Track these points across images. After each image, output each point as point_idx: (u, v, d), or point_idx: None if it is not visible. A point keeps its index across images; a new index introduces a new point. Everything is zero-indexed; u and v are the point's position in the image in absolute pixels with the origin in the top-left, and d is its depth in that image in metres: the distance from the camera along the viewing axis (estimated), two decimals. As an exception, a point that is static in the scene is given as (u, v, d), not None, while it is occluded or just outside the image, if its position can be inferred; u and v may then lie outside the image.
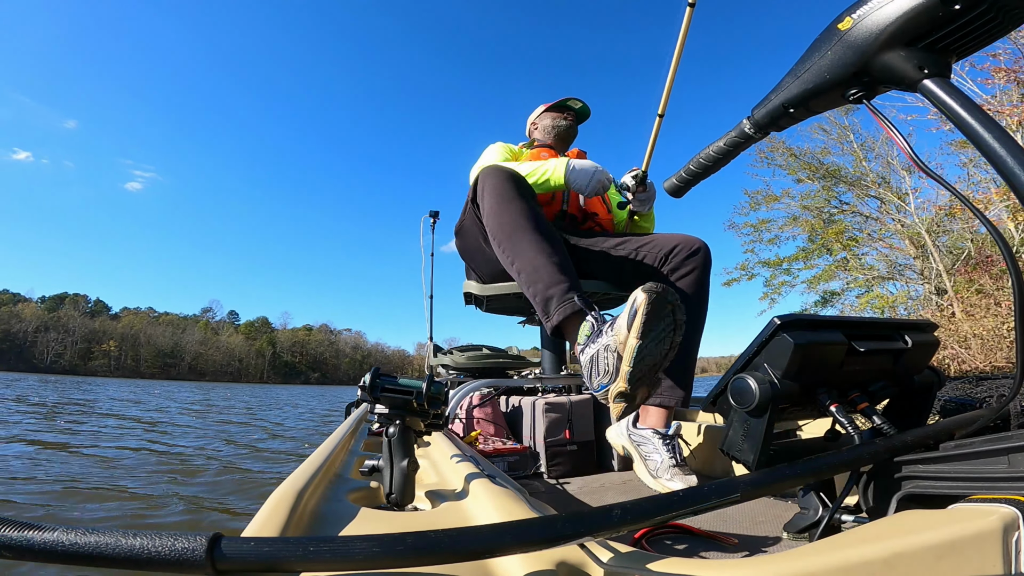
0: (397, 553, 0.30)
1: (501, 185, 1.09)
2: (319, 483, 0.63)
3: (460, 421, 1.63)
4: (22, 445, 4.21)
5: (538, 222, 1.04)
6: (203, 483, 3.15)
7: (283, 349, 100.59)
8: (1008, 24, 0.41)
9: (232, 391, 28.06)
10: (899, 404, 0.65)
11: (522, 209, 1.04)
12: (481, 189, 1.13)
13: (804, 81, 0.51)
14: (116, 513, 2.41)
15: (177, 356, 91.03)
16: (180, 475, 3.34)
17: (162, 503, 2.60)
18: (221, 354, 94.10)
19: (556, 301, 0.90)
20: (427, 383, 0.63)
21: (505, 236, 1.04)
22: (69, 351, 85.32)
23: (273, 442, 5.45)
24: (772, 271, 12.02)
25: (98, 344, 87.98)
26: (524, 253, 0.98)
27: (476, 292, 1.49)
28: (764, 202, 11.90)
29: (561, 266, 0.95)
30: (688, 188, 0.74)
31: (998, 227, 0.46)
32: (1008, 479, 0.40)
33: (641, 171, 1.40)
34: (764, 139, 0.63)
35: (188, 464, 3.72)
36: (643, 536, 0.69)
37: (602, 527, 0.35)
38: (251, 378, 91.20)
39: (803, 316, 0.52)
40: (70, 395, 13.31)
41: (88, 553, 0.27)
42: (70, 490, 2.78)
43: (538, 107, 1.75)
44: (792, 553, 0.34)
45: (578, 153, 1.68)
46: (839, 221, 11.34)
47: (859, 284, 11.11)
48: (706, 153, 0.67)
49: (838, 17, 0.48)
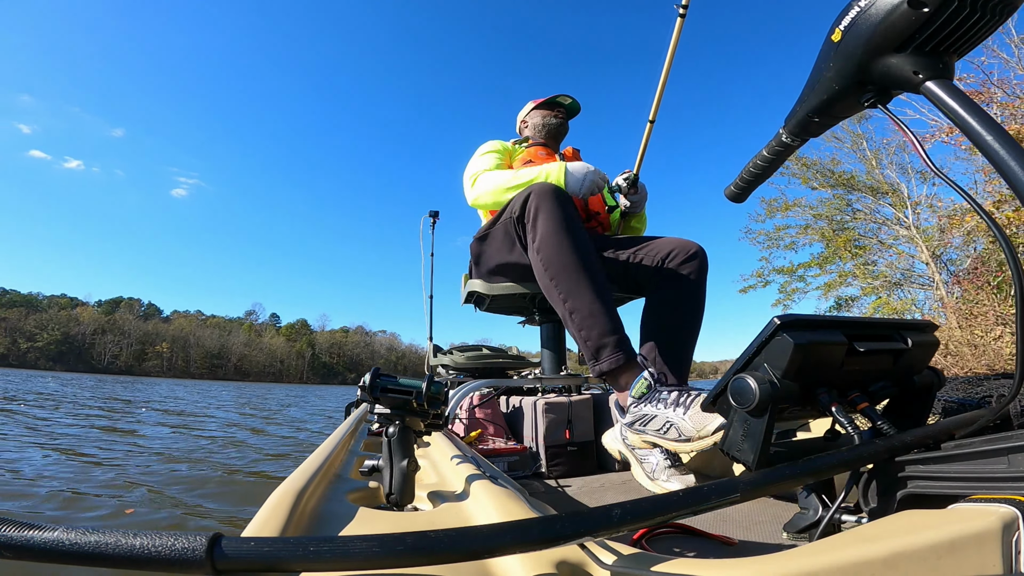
0: (397, 553, 0.30)
1: (559, 212, 1.07)
2: (319, 483, 0.63)
3: (460, 421, 1.63)
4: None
5: (594, 260, 1.05)
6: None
7: (321, 350, 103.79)
8: (995, 18, 0.41)
9: (295, 391, 29.64)
10: (899, 404, 0.65)
11: (581, 244, 1.05)
12: (534, 209, 1.10)
13: (819, 92, 0.53)
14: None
15: (224, 357, 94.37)
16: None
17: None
18: (264, 355, 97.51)
19: (610, 350, 0.97)
20: (427, 383, 0.63)
21: (561, 270, 1.03)
22: (125, 352, 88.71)
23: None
24: (786, 278, 12.07)
25: (151, 346, 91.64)
26: (581, 296, 1.01)
27: (482, 291, 1.49)
28: (780, 210, 12.03)
29: (614, 315, 1.00)
30: (746, 195, 0.77)
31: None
32: (1008, 479, 0.40)
33: (633, 173, 1.40)
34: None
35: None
36: (643, 536, 0.69)
37: (602, 527, 0.35)
38: (292, 378, 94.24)
39: (803, 316, 0.52)
40: (193, 400, 13.91)
41: (88, 553, 0.27)
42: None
43: (527, 104, 1.74)
44: (792, 553, 0.34)
45: (573, 151, 1.68)
46: (850, 229, 11.39)
47: (867, 292, 11.15)
48: (754, 162, 0.71)
49: (830, 29, 0.49)
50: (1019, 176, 0.36)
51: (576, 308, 1.01)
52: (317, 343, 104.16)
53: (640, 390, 0.92)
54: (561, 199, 1.09)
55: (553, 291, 1.05)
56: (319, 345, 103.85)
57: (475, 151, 1.58)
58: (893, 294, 10.68)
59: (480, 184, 1.41)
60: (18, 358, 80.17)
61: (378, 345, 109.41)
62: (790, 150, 0.65)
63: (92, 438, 4.79)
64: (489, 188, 1.38)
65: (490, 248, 1.36)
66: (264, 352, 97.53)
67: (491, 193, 1.38)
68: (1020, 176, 0.36)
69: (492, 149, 1.55)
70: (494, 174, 1.40)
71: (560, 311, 1.05)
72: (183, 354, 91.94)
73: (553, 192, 1.09)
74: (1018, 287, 0.39)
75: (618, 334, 0.98)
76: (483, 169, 1.46)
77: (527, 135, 1.71)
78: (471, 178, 1.45)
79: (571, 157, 1.65)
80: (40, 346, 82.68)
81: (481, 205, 1.46)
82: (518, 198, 1.17)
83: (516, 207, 1.16)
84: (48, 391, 13.24)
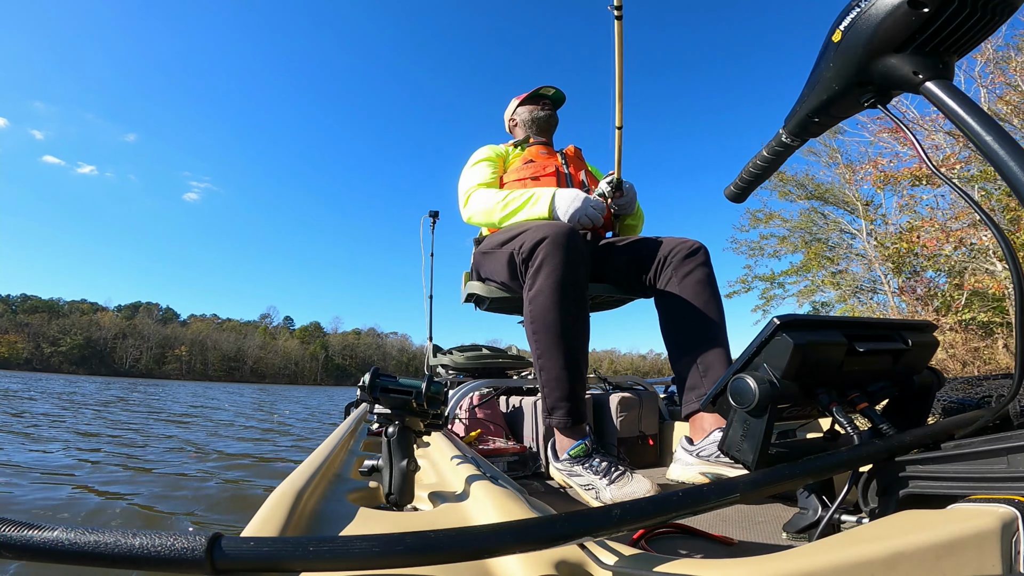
0: (397, 553, 0.30)
1: (562, 271, 1.07)
2: (318, 483, 0.63)
3: (460, 421, 1.63)
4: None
5: (578, 327, 1.09)
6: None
7: (335, 352, 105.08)
8: (995, 18, 0.41)
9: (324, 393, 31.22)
10: (899, 404, 0.66)
11: (572, 310, 1.07)
12: (540, 259, 1.09)
13: (819, 92, 0.53)
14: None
15: (240, 360, 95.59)
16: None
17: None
18: (279, 358, 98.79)
19: (563, 413, 1.07)
20: (426, 383, 0.63)
21: (544, 329, 1.08)
22: (145, 356, 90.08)
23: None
24: (767, 284, 12.91)
25: (171, 349, 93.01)
26: (554, 359, 1.08)
27: (482, 293, 1.48)
28: (763, 221, 12.98)
29: (577, 382, 1.08)
30: (746, 195, 0.77)
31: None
32: (1008, 479, 0.40)
33: (616, 177, 1.40)
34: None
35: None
36: (643, 536, 0.69)
37: (602, 527, 0.35)
38: (306, 380, 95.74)
39: (802, 316, 0.52)
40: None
41: (88, 552, 0.27)
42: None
43: (511, 102, 1.73)
44: (791, 553, 0.34)
45: (575, 150, 1.66)
46: (821, 241, 12.28)
47: (839, 299, 11.96)
48: (753, 162, 0.71)
49: (831, 28, 0.49)
50: (1019, 176, 0.36)
51: (545, 367, 1.09)
52: (330, 345, 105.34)
53: (578, 452, 1.04)
54: (570, 254, 1.08)
55: (532, 342, 1.12)
56: (332, 347, 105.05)
57: (468, 160, 1.56)
58: (860, 301, 11.60)
59: (472, 204, 1.42)
60: (42, 362, 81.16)
61: (390, 347, 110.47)
62: (790, 150, 0.65)
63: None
64: (480, 209, 1.39)
65: (490, 264, 1.35)
66: (279, 355, 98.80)
67: (483, 214, 1.39)
68: (1020, 176, 0.36)
69: (483, 158, 1.54)
70: (485, 196, 1.40)
71: (534, 359, 1.13)
72: (201, 357, 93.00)
73: (565, 245, 1.08)
74: (1018, 287, 0.39)
75: (573, 401, 1.08)
76: (475, 184, 1.46)
77: (518, 132, 1.70)
78: (464, 195, 1.46)
79: (572, 156, 1.63)
80: (64, 351, 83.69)
81: (476, 224, 1.47)
82: (530, 236, 1.13)
83: (526, 247, 1.13)
84: (216, 403, 13.61)
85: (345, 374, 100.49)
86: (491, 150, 1.58)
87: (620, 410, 1.40)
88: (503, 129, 1.81)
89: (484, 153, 1.56)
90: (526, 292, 1.13)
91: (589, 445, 1.05)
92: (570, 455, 1.05)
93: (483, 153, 1.56)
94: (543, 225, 1.14)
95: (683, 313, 1.18)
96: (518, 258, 1.17)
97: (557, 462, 1.10)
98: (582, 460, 1.04)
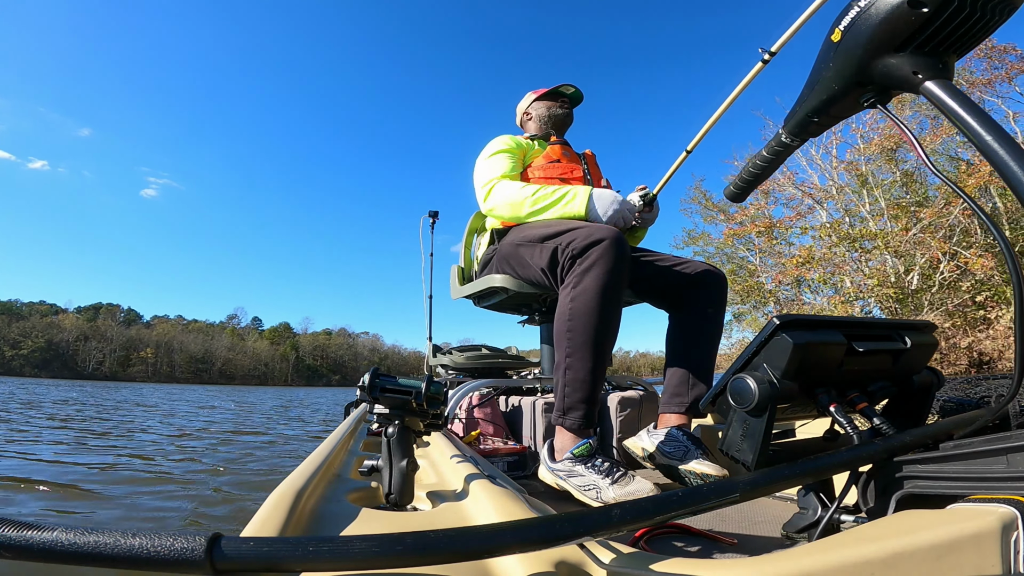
0: (396, 553, 0.30)
1: (611, 278, 1.07)
2: (318, 483, 0.63)
3: (460, 421, 1.63)
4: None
5: (611, 336, 1.11)
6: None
7: (305, 353, 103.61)
8: (994, 18, 0.41)
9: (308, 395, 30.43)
10: (898, 404, 0.66)
11: (610, 318, 1.09)
12: (592, 260, 1.08)
13: (818, 93, 0.53)
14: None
15: (208, 362, 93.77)
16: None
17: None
18: (248, 359, 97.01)
19: (578, 415, 1.08)
20: (426, 383, 0.63)
21: (581, 331, 1.08)
22: (109, 359, 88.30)
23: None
24: None
25: (135, 351, 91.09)
26: (583, 361, 1.08)
27: (510, 287, 1.46)
28: (692, 242, 15.57)
29: (597, 388, 1.10)
30: (745, 195, 0.77)
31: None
32: (1007, 479, 0.40)
33: (651, 192, 1.40)
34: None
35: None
36: (642, 536, 0.69)
37: (601, 527, 0.35)
38: (277, 381, 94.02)
39: (803, 316, 0.52)
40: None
41: (87, 553, 0.27)
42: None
43: (527, 95, 1.71)
44: (791, 552, 0.34)
45: (592, 157, 1.66)
46: (736, 262, 14.75)
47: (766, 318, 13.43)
48: (753, 162, 0.71)
49: (830, 29, 0.49)
50: (1019, 176, 0.36)
51: (572, 367, 1.09)
52: (301, 346, 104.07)
53: (582, 451, 1.05)
54: (621, 263, 1.08)
55: (563, 339, 1.11)
56: (303, 348, 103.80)
57: (483, 150, 1.50)
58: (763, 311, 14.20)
59: (497, 195, 1.37)
60: (2, 365, 79.45)
61: (361, 347, 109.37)
62: (789, 150, 0.65)
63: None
64: (505, 201, 1.35)
65: (523, 257, 1.31)
66: (248, 356, 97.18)
67: (508, 206, 1.34)
68: (1020, 176, 0.36)
69: (503, 148, 1.47)
70: (510, 188, 1.35)
71: (559, 357, 1.12)
72: (167, 359, 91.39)
73: (619, 254, 1.08)
74: (1017, 287, 0.39)
75: (591, 404, 1.09)
76: (498, 175, 1.39)
77: (531, 127, 1.67)
78: (486, 186, 1.39)
79: (590, 159, 1.64)
80: (25, 353, 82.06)
81: (497, 216, 1.42)
82: (583, 234, 1.11)
83: (578, 244, 1.11)
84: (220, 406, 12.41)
85: (316, 375, 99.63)
86: (512, 140, 1.51)
87: (620, 410, 1.40)
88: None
89: (505, 143, 1.49)
90: (567, 289, 1.11)
91: (593, 445, 1.06)
92: (573, 454, 1.05)
93: (504, 143, 1.49)
94: (599, 226, 1.13)
95: (696, 333, 1.29)
96: (564, 254, 1.14)
97: (553, 463, 1.09)
98: (584, 460, 1.04)
